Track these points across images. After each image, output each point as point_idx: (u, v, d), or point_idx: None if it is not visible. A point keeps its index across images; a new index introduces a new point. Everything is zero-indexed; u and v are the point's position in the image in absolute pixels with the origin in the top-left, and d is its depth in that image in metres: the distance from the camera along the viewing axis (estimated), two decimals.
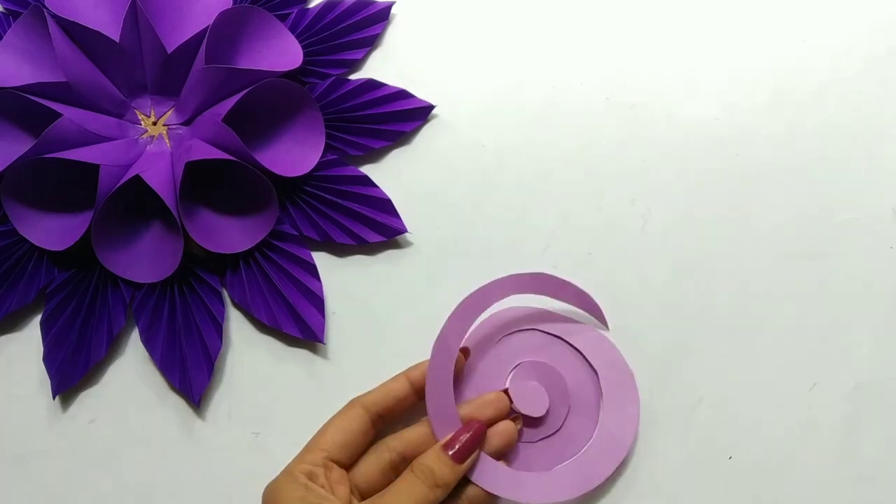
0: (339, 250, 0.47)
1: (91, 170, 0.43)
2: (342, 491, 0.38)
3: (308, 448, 0.39)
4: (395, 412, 0.41)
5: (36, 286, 0.45)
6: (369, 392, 0.40)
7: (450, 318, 0.41)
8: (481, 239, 0.47)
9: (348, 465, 0.39)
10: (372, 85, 0.47)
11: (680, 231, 0.47)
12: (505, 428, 0.41)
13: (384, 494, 0.37)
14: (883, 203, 0.47)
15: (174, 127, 0.47)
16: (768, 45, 0.49)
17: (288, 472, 0.38)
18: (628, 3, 0.50)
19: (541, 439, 0.43)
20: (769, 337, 0.45)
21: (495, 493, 0.40)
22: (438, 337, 0.41)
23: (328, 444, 0.38)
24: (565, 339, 0.44)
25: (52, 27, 0.44)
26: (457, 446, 0.38)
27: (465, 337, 0.42)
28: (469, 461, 0.38)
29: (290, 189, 0.46)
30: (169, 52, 0.46)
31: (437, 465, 0.38)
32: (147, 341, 0.45)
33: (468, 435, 0.39)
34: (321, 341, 0.45)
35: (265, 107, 0.45)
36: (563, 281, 0.43)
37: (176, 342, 0.45)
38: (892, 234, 0.46)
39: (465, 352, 0.42)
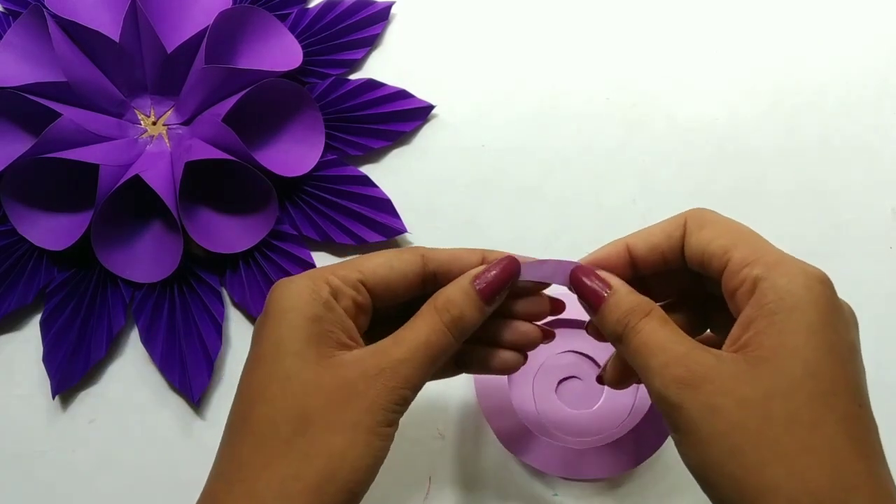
0: (339, 250, 0.47)
1: (91, 170, 0.43)
2: (363, 321, 0.32)
3: (344, 263, 0.32)
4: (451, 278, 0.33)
5: (35, 286, 0.45)
6: (436, 248, 0.34)
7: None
8: (481, 239, 0.47)
9: (378, 308, 0.33)
10: (372, 85, 0.47)
11: None
12: (529, 329, 0.34)
13: (399, 331, 0.31)
14: (883, 203, 0.47)
15: (174, 127, 0.47)
16: (768, 46, 0.49)
17: (310, 276, 0.31)
18: (628, 4, 0.50)
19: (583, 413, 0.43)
20: None
21: (548, 471, 0.40)
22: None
23: (368, 271, 0.32)
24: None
25: (52, 27, 0.44)
26: (486, 279, 0.32)
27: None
28: (495, 303, 0.32)
29: (289, 189, 0.46)
30: (169, 51, 0.46)
31: (461, 297, 0.31)
32: (147, 341, 0.45)
33: (497, 270, 0.32)
34: None
35: (265, 107, 0.45)
36: None
37: (176, 342, 0.45)
38: (892, 235, 0.46)
39: (547, 334, 0.36)
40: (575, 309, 0.34)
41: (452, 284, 0.32)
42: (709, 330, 0.34)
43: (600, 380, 0.35)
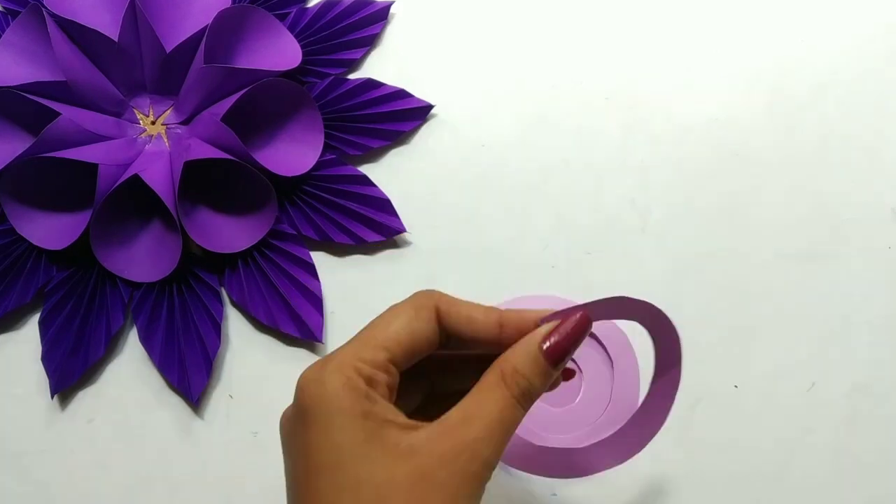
0: (338, 250, 0.47)
1: (90, 169, 0.43)
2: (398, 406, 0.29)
3: (365, 340, 0.29)
4: (463, 341, 0.31)
5: (34, 285, 0.45)
6: (452, 298, 0.31)
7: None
8: (480, 238, 0.47)
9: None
10: (371, 84, 0.47)
11: (679, 231, 0.47)
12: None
13: (465, 405, 0.28)
14: (882, 203, 0.47)
15: (173, 126, 0.47)
16: (768, 45, 0.49)
17: (339, 370, 0.28)
18: (628, 4, 0.50)
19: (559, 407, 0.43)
20: (768, 337, 0.45)
21: (527, 471, 0.39)
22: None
23: (392, 345, 0.29)
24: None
25: (51, 26, 0.44)
26: (553, 339, 0.29)
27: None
28: (561, 366, 0.30)
29: (288, 188, 0.46)
30: (168, 51, 0.46)
31: (530, 367, 0.29)
32: (145, 340, 0.45)
33: (572, 325, 0.29)
34: (320, 341, 0.45)
35: (264, 106, 0.45)
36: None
37: (174, 341, 0.45)
38: (892, 234, 0.46)
39: (567, 373, 0.34)
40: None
41: (519, 350, 0.29)
42: None
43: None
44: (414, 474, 0.26)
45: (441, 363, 0.33)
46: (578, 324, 0.29)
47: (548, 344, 0.29)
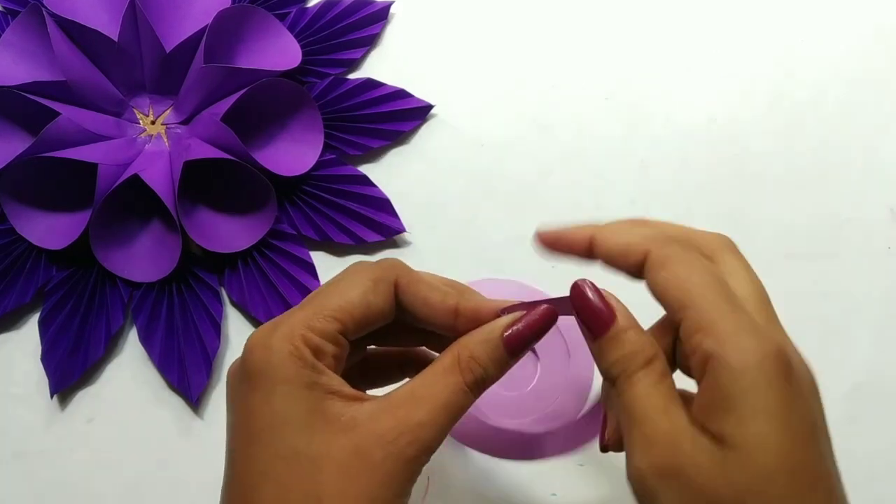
0: (338, 250, 0.47)
1: (89, 169, 0.43)
2: (341, 368, 0.29)
3: (317, 308, 0.28)
4: (417, 320, 0.30)
5: (34, 285, 0.45)
6: (414, 274, 0.30)
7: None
8: (480, 238, 0.47)
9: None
10: (371, 84, 0.47)
11: None
12: None
13: (415, 384, 0.28)
14: (881, 203, 0.47)
15: (173, 126, 0.47)
16: (768, 46, 0.49)
17: (288, 334, 0.27)
18: (628, 3, 0.50)
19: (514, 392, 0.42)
20: None
21: (481, 450, 0.38)
22: None
23: (345, 316, 0.28)
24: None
25: (51, 26, 0.44)
26: (516, 328, 0.28)
27: None
28: (519, 357, 0.29)
29: (288, 188, 0.46)
30: (167, 51, 0.46)
31: (488, 354, 0.28)
32: (145, 340, 0.45)
33: (538, 315, 0.29)
34: None
35: (264, 106, 0.45)
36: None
37: (174, 341, 0.45)
38: (891, 235, 0.46)
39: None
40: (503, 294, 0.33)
41: (478, 337, 0.29)
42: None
43: (605, 449, 0.33)
44: (350, 449, 0.26)
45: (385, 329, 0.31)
46: (543, 315, 0.29)
47: (510, 332, 0.28)
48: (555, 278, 0.46)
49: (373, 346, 0.33)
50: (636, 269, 0.28)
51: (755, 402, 0.24)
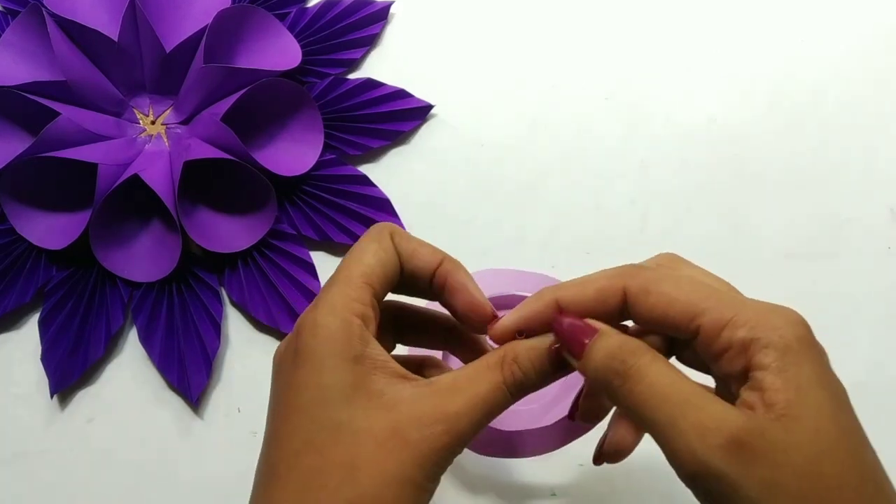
0: (338, 250, 0.47)
1: (89, 169, 0.43)
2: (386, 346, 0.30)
3: (348, 280, 0.29)
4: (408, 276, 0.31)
5: (34, 285, 0.45)
6: (402, 231, 0.31)
7: None
8: (480, 238, 0.47)
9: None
10: (370, 84, 0.47)
11: (679, 231, 0.47)
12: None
13: (458, 375, 0.29)
14: (881, 203, 0.47)
15: (173, 126, 0.47)
16: (767, 45, 0.49)
17: (336, 313, 0.28)
18: (629, 4, 0.50)
19: None
20: None
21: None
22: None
23: (373, 279, 0.29)
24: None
25: (51, 26, 0.44)
26: (562, 343, 0.29)
27: None
28: (561, 374, 0.29)
29: (288, 188, 0.46)
30: (167, 51, 0.46)
31: (532, 361, 0.29)
32: (145, 340, 0.45)
33: (588, 339, 0.28)
34: None
35: (264, 106, 0.45)
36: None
37: (174, 341, 0.45)
38: (891, 235, 0.46)
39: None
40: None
41: (528, 345, 0.29)
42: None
43: (572, 417, 0.34)
44: (388, 427, 0.27)
45: (407, 322, 0.33)
46: (585, 332, 0.28)
47: (558, 345, 0.29)
48: (556, 279, 0.46)
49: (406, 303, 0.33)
50: (618, 311, 0.28)
51: (807, 371, 0.25)
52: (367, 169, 0.48)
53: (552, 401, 0.41)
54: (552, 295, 0.29)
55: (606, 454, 0.32)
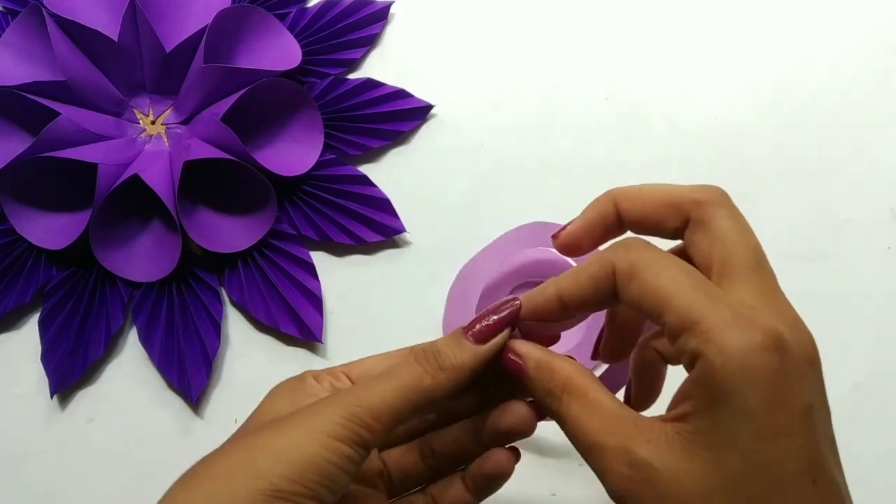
0: (338, 250, 0.47)
1: (89, 169, 0.43)
2: None
3: (334, 367, 0.32)
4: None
5: (34, 285, 0.45)
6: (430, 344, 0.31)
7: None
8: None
9: None
10: (371, 84, 0.47)
11: None
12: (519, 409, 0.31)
13: (372, 378, 0.29)
14: (881, 203, 0.47)
15: (173, 126, 0.47)
16: (768, 46, 0.49)
17: (299, 375, 0.31)
18: (627, 4, 0.50)
19: None
20: None
21: None
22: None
23: (353, 365, 0.32)
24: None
25: (51, 26, 0.44)
26: (477, 327, 0.29)
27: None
28: (494, 342, 0.29)
29: (288, 188, 0.46)
30: (167, 51, 0.46)
31: (447, 344, 0.29)
32: (145, 340, 0.45)
33: (497, 317, 0.29)
34: (319, 340, 0.45)
35: (264, 106, 0.45)
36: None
37: (174, 341, 0.45)
38: (891, 235, 0.46)
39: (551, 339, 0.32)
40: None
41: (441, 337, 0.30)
42: None
43: (595, 356, 0.33)
44: (305, 403, 0.28)
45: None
46: (508, 315, 0.29)
47: (471, 330, 0.29)
48: None
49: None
50: (615, 299, 0.27)
51: (736, 404, 0.24)
52: (367, 169, 0.48)
53: (576, 347, 0.41)
54: (554, 289, 0.29)
55: (603, 356, 0.32)
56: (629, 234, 0.29)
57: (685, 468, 0.24)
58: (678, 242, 0.29)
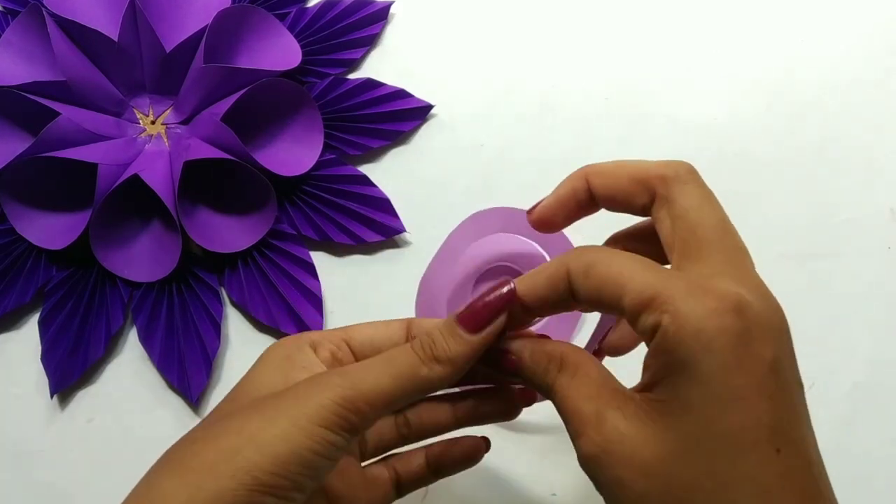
0: (338, 250, 0.47)
1: (89, 169, 0.43)
2: None
3: (334, 330, 0.32)
4: None
5: (34, 285, 0.45)
6: (423, 319, 0.33)
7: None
8: None
9: None
10: (371, 84, 0.47)
11: None
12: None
13: (367, 362, 0.29)
14: (881, 203, 0.47)
15: (173, 126, 0.47)
16: (768, 46, 0.49)
17: (295, 335, 0.32)
18: (628, 4, 0.50)
19: None
20: None
21: None
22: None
23: (353, 331, 0.32)
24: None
25: (51, 26, 0.44)
26: (470, 316, 0.29)
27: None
28: (488, 331, 0.28)
29: (288, 188, 0.46)
30: (167, 51, 0.46)
31: (442, 334, 0.28)
32: (145, 340, 0.45)
33: (491, 298, 0.28)
34: None
35: (264, 106, 0.45)
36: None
37: (174, 341, 0.45)
38: (891, 235, 0.46)
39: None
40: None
41: (435, 321, 0.31)
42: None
43: (600, 353, 0.33)
44: (288, 384, 0.29)
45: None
46: (498, 299, 0.29)
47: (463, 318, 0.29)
48: None
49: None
50: (570, 295, 0.28)
51: (693, 369, 0.24)
52: (367, 169, 0.48)
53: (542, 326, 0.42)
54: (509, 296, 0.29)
55: (609, 350, 0.32)
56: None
57: (645, 435, 0.25)
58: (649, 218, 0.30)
